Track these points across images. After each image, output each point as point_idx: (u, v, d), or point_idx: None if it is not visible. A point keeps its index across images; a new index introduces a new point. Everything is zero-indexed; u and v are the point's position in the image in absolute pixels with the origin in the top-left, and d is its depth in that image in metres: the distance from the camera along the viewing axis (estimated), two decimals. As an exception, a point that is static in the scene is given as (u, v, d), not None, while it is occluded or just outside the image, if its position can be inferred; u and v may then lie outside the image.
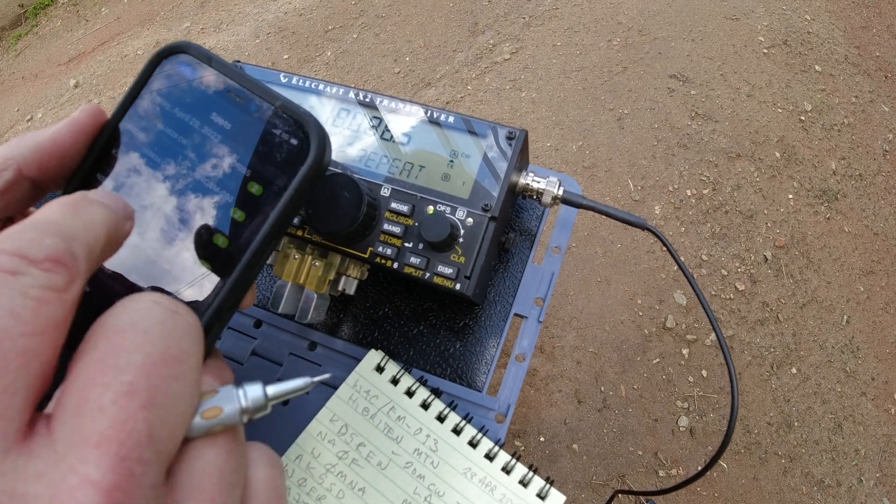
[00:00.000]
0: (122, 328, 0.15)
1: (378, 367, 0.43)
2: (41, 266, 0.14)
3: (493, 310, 0.47)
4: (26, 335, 0.13)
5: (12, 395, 0.13)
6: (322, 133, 0.21)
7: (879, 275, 1.55)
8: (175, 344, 0.15)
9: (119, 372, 0.14)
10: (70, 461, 0.13)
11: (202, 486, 0.15)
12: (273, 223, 0.21)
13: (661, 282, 1.48)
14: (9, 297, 0.13)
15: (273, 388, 0.19)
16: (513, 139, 0.41)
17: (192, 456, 0.16)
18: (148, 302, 0.16)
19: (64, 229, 0.15)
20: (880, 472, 1.31)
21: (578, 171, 1.65)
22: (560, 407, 1.34)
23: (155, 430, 0.14)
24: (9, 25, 2.46)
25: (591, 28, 1.96)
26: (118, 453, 0.13)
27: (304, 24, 2.11)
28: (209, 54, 0.23)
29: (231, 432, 0.17)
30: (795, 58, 1.89)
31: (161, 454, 0.14)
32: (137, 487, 0.13)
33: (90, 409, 0.13)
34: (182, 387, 0.15)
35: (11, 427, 0.13)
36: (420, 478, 0.39)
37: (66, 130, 0.21)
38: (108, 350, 0.14)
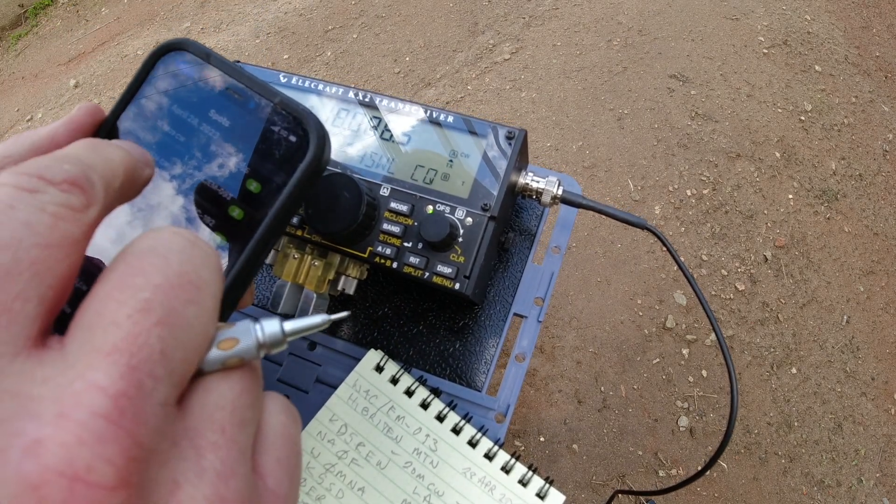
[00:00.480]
0: (142, 251, 0.15)
1: (377, 366, 0.43)
2: (59, 187, 0.14)
3: (492, 309, 0.47)
4: (40, 246, 0.13)
5: (24, 302, 0.13)
6: (321, 130, 0.21)
7: (879, 275, 1.55)
8: (193, 270, 0.15)
9: (136, 290, 0.14)
10: (79, 368, 0.13)
11: (214, 417, 0.15)
12: (271, 221, 0.21)
13: (661, 282, 1.48)
14: (25, 211, 0.13)
15: (290, 323, 0.19)
16: (512, 139, 0.41)
17: (206, 388, 0.16)
18: (168, 231, 0.16)
19: (83, 159, 0.16)
20: (880, 472, 1.31)
21: (578, 171, 1.65)
22: (560, 407, 1.34)
23: (168, 348, 0.14)
24: (9, 25, 2.46)
25: (591, 28, 1.96)
26: (129, 363, 0.13)
27: (304, 24, 2.11)
28: (207, 51, 0.22)
29: (247, 369, 0.17)
30: (795, 58, 1.89)
31: (173, 374, 0.14)
32: (146, 400, 0.13)
33: (104, 322, 0.13)
34: (198, 312, 0.15)
35: (22, 333, 0.13)
36: (419, 477, 0.39)
37: (63, 129, 0.21)
38: (127, 270, 0.15)
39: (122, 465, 0.12)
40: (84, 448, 0.12)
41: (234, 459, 0.15)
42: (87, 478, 0.12)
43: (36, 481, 0.11)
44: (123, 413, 0.13)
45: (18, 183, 0.14)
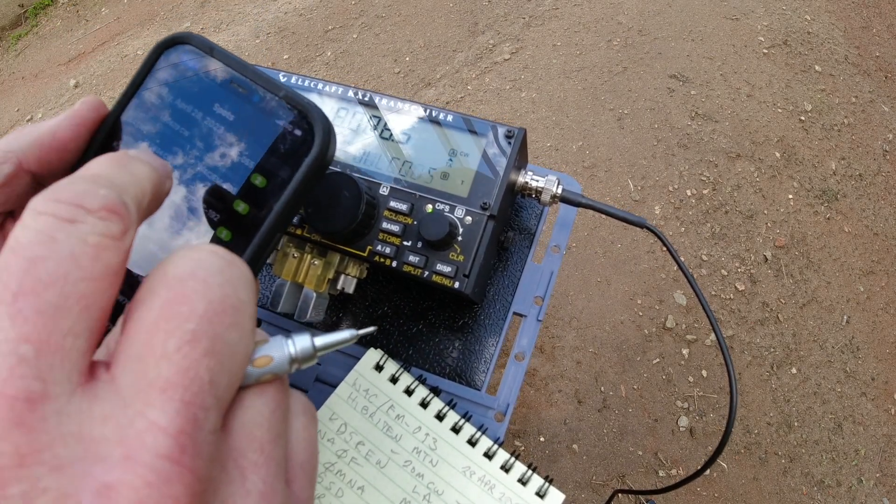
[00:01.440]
0: (183, 276, 0.15)
1: (377, 365, 0.43)
2: (98, 215, 0.14)
3: (492, 308, 0.47)
4: (87, 280, 0.13)
5: (76, 338, 0.13)
6: (327, 124, 0.21)
7: (879, 275, 1.55)
8: (233, 293, 0.15)
9: (182, 320, 0.14)
10: (137, 406, 0.13)
11: (254, 435, 0.16)
12: (277, 216, 0.20)
13: (661, 282, 1.48)
14: (69, 244, 0.13)
15: (320, 339, 0.19)
16: (511, 138, 0.41)
17: (245, 405, 0.16)
18: (206, 252, 0.16)
19: (115, 181, 0.15)
20: (880, 472, 1.31)
21: (578, 170, 1.65)
22: (560, 407, 1.34)
23: (216, 376, 0.14)
24: (9, 25, 2.46)
25: (591, 28, 1.96)
26: (183, 399, 0.13)
27: (304, 24, 2.11)
28: (211, 44, 0.22)
29: (279, 382, 0.18)
30: (795, 58, 1.89)
31: (220, 401, 0.14)
32: (200, 432, 0.13)
33: (154, 355, 0.14)
34: (240, 335, 0.15)
35: (76, 369, 0.13)
36: (419, 476, 0.39)
37: (66, 123, 0.21)
38: (171, 298, 0.14)
39: (187, 501, 0.13)
40: (153, 490, 0.12)
41: (273, 476, 0.16)
42: None
43: None
44: (184, 451, 0.13)
45: (56, 212, 0.14)
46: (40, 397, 0.12)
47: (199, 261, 0.15)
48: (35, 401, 0.12)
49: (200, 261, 0.15)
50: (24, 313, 0.12)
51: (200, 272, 0.15)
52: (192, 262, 0.15)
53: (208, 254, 0.16)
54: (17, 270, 0.13)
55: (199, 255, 0.16)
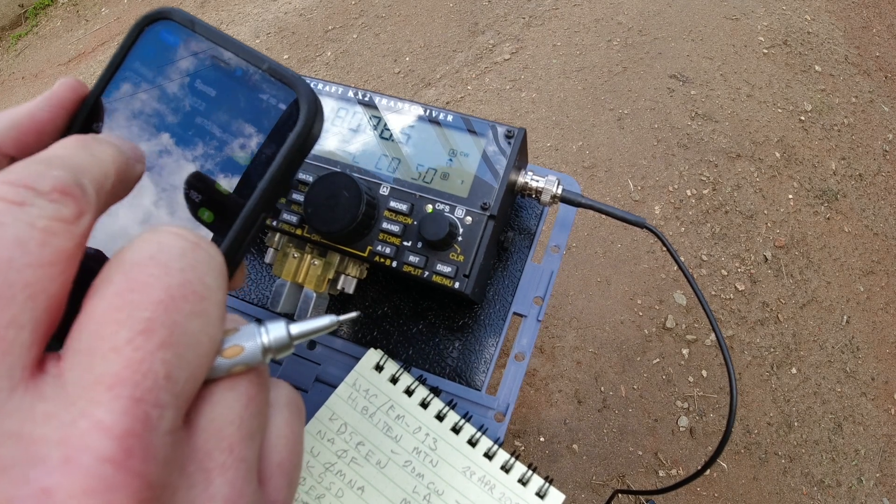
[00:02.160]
0: (140, 261, 0.14)
1: (377, 365, 0.43)
2: (48, 197, 0.13)
3: (492, 309, 0.47)
4: (33, 266, 0.12)
5: (19, 329, 0.12)
6: (312, 97, 0.20)
7: (879, 275, 1.55)
8: (197, 278, 0.14)
9: (136, 308, 0.13)
10: (81, 404, 0.12)
11: (222, 434, 0.15)
12: (261, 194, 0.19)
13: (661, 282, 1.48)
14: (14, 228, 0.12)
15: (297, 326, 0.18)
16: (511, 138, 0.41)
17: (213, 400, 0.15)
18: (168, 234, 0.15)
19: (72, 162, 0.14)
20: (880, 472, 1.31)
21: (578, 171, 1.65)
22: (560, 407, 1.34)
23: (173, 370, 0.13)
24: (9, 25, 2.46)
25: (591, 28, 1.96)
26: (132, 395, 0.12)
27: (304, 25, 2.11)
28: (192, 18, 0.21)
29: (253, 374, 0.16)
30: (795, 58, 1.89)
31: (179, 397, 0.13)
32: (152, 433, 0.12)
33: (104, 347, 0.13)
34: (203, 324, 0.14)
35: (18, 363, 0.12)
36: (419, 476, 0.39)
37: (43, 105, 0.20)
38: (125, 284, 0.13)
39: None
40: (92, 498, 0.11)
41: (243, 479, 0.15)
42: None
43: None
44: (131, 454, 0.12)
45: (4, 195, 0.13)
46: None
47: (160, 244, 0.14)
48: None
49: (161, 244, 0.14)
50: None
51: (161, 256, 0.14)
52: (152, 245, 0.14)
53: (170, 235, 0.15)
54: None
55: (160, 238, 0.14)
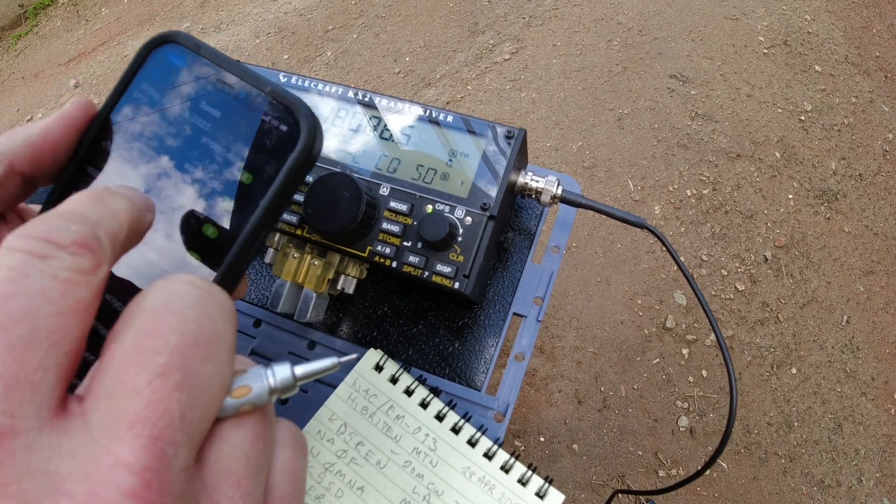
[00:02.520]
0: (157, 309, 0.15)
1: (377, 366, 0.43)
2: (68, 250, 0.14)
3: (492, 309, 0.47)
4: (56, 314, 0.13)
5: (45, 372, 0.13)
6: (312, 119, 0.21)
7: (879, 275, 1.55)
8: (209, 325, 0.15)
9: (154, 353, 0.14)
10: (104, 442, 0.13)
11: (230, 470, 0.15)
12: (263, 212, 0.20)
13: (661, 282, 1.48)
14: (39, 279, 0.13)
15: (301, 368, 0.19)
16: (511, 138, 0.41)
17: (221, 438, 0.16)
18: (182, 283, 0.16)
19: (89, 217, 0.15)
20: (880, 472, 1.31)
21: (578, 171, 1.65)
22: (560, 407, 1.34)
23: (187, 411, 0.14)
24: (9, 25, 2.46)
25: (591, 28, 1.96)
26: (151, 434, 0.13)
27: (304, 25, 2.11)
28: (198, 42, 0.22)
29: (259, 413, 0.17)
30: (795, 58, 1.89)
31: (193, 436, 0.14)
32: (169, 469, 0.13)
33: (125, 390, 0.13)
34: (216, 368, 0.15)
35: (45, 403, 0.13)
36: (419, 476, 0.39)
37: (56, 124, 0.21)
38: (144, 331, 0.14)
39: None
40: None
41: None
42: None
43: None
44: (150, 488, 0.13)
45: (28, 248, 0.14)
46: (9, 432, 0.12)
47: (175, 292, 0.15)
48: (4, 435, 0.12)
49: (176, 292, 0.15)
50: None
51: (176, 303, 0.15)
52: (168, 293, 0.15)
53: (184, 284, 0.16)
54: None
55: (175, 286, 0.16)
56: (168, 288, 0.16)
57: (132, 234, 0.17)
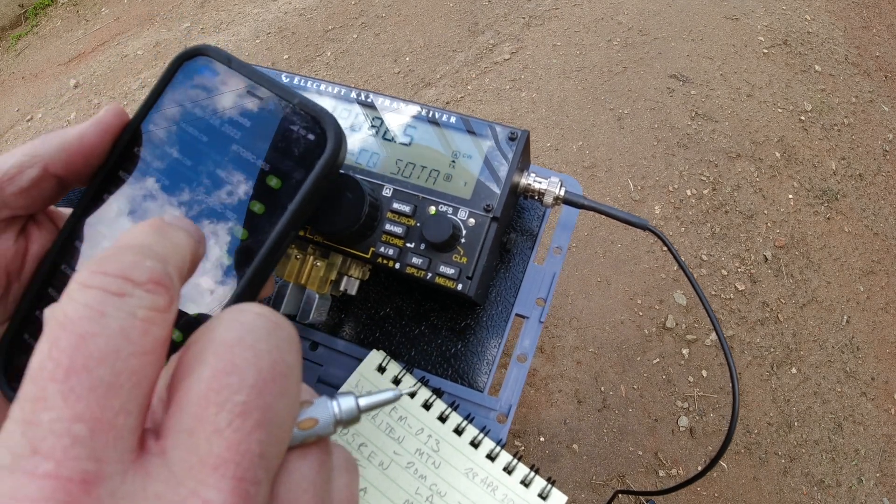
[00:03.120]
0: (231, 343, 0.15)
1: (380, 367, 0.43)
2: (145, 288, 0.14)
3: (494, 310, 0.47)
4: (137, 355, 0.13)
5: (127, 415, 0.13)
6: (338, 128, 0.22)
7: (879, 275, 1.55)
8: (281, 358, 0.15)
9: (233, 392, 0.14)
10: (190, 484, 0.13)
11: (299, 501, 0.16)
12: (291, 215, 0.21)
13: (661, 282, 1.48)
14: (119, 319, 0.13)
15: (364, 400, 0.20)
16: (515, 140, 0.41)
17: (290, 470, 0.16)
18: (253, 314, 0.16)
19: (158, 252, 0.15)
20: (880, 472, 1.31)
21: (578, 171, 1.65)
22: (560, 407, 1.34)
23: (266, 449, 0.14)
24: (9, 25, 2.46)
25: (591, 28, 1.96)
26: (235, 475, 0.13)
27: (304, 25, 2.11)
28: (228, 56, 0.23)
29: (322, 443, 0.17)
30: (795, 58, 1.89)
31: (270, 472, 0.14)
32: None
33: (205, 430, 0.13)
34: (288, 403, 0.15)
35: (128, 447, 0.13)
36: (422, 478, 0.39)
37: (92, 130, 0.22)
38: (220, 367, 0.14)
39: None
40: None
41: None
42: None
43: None
44: None
45: (105, 286, 0.13)
46: (95, 478, 0.12)
47: (247, 325, 0.15)
48: (90, 482, 0.12)
49: (248, 325, 0.15)
50: (77, 391, 0.12)
51: (249, 338, 0.15)
52: (240, 325, 0.15)
53: (255, 316, 0.15)
54: (67, 347, 0.13)
55: (247, 319, 0.15)
56: (239, 320, 0.15)
57: (192, 268, 0.17)
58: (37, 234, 0.24)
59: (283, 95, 0.23)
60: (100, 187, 0.23)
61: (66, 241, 0.23)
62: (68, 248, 0.23)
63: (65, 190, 0.23)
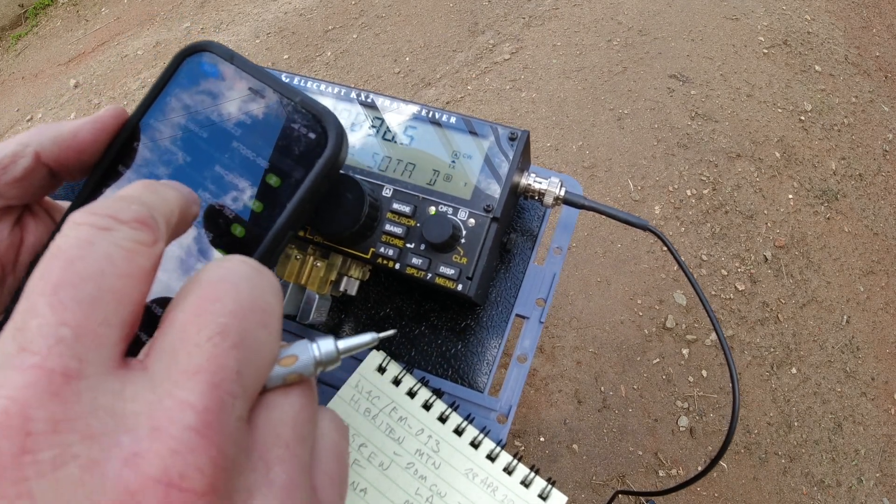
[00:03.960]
0: (215, 280, 0.16)
1: (380, 367, 0.43)
2: (130, 225, 0.16)
3: (494, 310, 0.47)
4: (120, 276, 0.15)
5: (109, 326, 0.14)
6: (339, 127, 0.22)
7: (879, 275, 1.55)
8: (261, 296, 0.17)
9: (214, 315, 0.15)
10: (166, 386, 0.14)
11: (278, 432, 0.17)
12: (290, 213, 0.22)
13: (661, 282, 1.48)
14: (104, 247, 0.15)
15: (343, 342, 0.20)
16: (515, 140, 0.41)
17: (270, 405, 0.17)
18: (237, 261, 0.17)
19: (145, 200, 0.17)
20: (880, 472, 1.31)
21: (578, 171, 1.65)
22: (560, 407, 1.34)
23: (243, 367, 0.15)
24: (9, 25, 2.46)
25: (591, 28, 1.96)
26: (211, 381, 0.14)
27: (304, 25, 2.11)
28: (231, 52, 0.23)
29: (304, 385, 0.18)
30: (795, 58, 1.89)
31: (247, 391, 0.15)
32: (227, 415, 0.14)
33: (186, 345, 0.15)
34: (267, 334, 0.16)
35: (109, 354, 0.14)
36: (422, 478, 0.39)
37: (88, 127, 0.22)
38: (204, 297, 0.16)
39: (211, 473, 0.13)
40: (178, 458, 0.13)
41: (297, 473, 0.17)
42: (181, 484, 0.13)
43: (135, 488, 0.13)
44: (210, 426, 0.14)
45: (94, 222, 0.15)
46: (76, 374, 0.13)
47: (230, 268, 0.17)
48: (71, 376, 0.13)
49: (231, 268, 0.17)
50: (64, 302, 0.14)
51: (231, 276, 0.16)
52: (224, 268, 0.17)
53: (238, 262, 0.17)
54: (56, 268, 0.14)
55: (230, 264, 0.17)
56: (223, 265, 0.17)
57: (181, 221, 0.19)
58: (33, 225, 0.24)
59: (285, 93, 0.23)
60: (99, 180, 0.23)
61: None
62: None
63: (58, 182, 0.23)
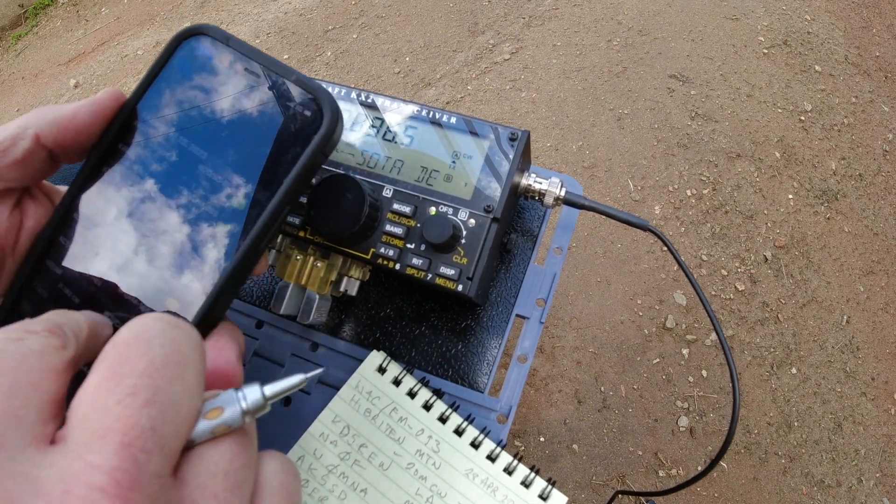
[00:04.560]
0: (127, 340, 0.17)
1: (380, 367, 0.43)
2: (40, 334, 0.17)
3: (494, 311, 0.47)
4: (33, 371, 0.16)
5: (28, 410, 0.15)
6: (334, 105, 0.22)
7: (879, 275, 1.55)
8: (175, 350, 0.17)
9: (123, 377, 0.16)
10: (78, 451, 0.15)
11: (206, 485, 0.17)
12: (286, 190, 0.22)
13: (661, 282, 1.48)
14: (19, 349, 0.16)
15: (269, 387, 0.20)
16: (515, 140, 0.41)
17: (198, 456, 0.17)
18: (150, 318, 0.18)
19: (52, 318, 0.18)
20: (880, 472, 1.31)
21: (578, 171, 1.65)
22: (560, 407, 1.34)
23: (158, 424, 0.15)
24: (9, 25, 2.46)
25: (591, 28, 1.96)
26: (122, 441, 0.15)
27: (304, 24, 2.11)
28: (227, 35, 0.24)
29: (237, 434, 0.18)
30: (795, 58, 1.89)
31: (165, 447, 0.15)
32: (140, 472, 0.15)
33: (97, 409, 0.15)
34: (183, 388, 0.17)
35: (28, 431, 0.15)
36: (422, 479, 0.39)
37: (86, 109, 0.23)
38: (114, 359, 0.16)
39: None
40: None
41: None
42: None
43: None
44: (119, 485, 0.14)
45: (8, 336, 0.16)
46: None
47: (144, 325, 0.17)
48: None
49: (144, 325, 0.17)
50: None
51: (144, 334, 0.17)
52: (137, 326, 0.17)
53: (152, 319, 0.18)
54: None
55: (144, 321, 0.18)
56: (137, 323, 0.18)
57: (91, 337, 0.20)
58: (32, 208, 0.24)
59: (281, 73, 0.23)
60: (98, 162, 0.23)
61: (64, 214, 0.24)
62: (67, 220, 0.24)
63: (57, 164, 0.24)
